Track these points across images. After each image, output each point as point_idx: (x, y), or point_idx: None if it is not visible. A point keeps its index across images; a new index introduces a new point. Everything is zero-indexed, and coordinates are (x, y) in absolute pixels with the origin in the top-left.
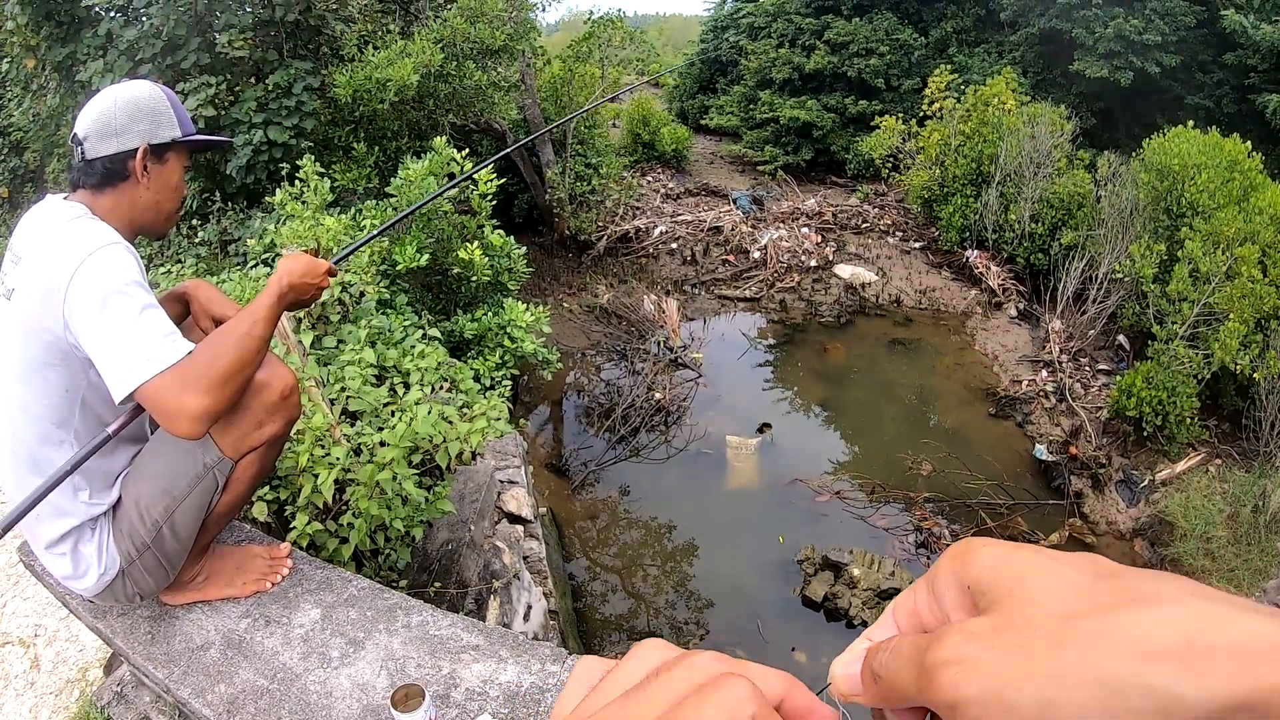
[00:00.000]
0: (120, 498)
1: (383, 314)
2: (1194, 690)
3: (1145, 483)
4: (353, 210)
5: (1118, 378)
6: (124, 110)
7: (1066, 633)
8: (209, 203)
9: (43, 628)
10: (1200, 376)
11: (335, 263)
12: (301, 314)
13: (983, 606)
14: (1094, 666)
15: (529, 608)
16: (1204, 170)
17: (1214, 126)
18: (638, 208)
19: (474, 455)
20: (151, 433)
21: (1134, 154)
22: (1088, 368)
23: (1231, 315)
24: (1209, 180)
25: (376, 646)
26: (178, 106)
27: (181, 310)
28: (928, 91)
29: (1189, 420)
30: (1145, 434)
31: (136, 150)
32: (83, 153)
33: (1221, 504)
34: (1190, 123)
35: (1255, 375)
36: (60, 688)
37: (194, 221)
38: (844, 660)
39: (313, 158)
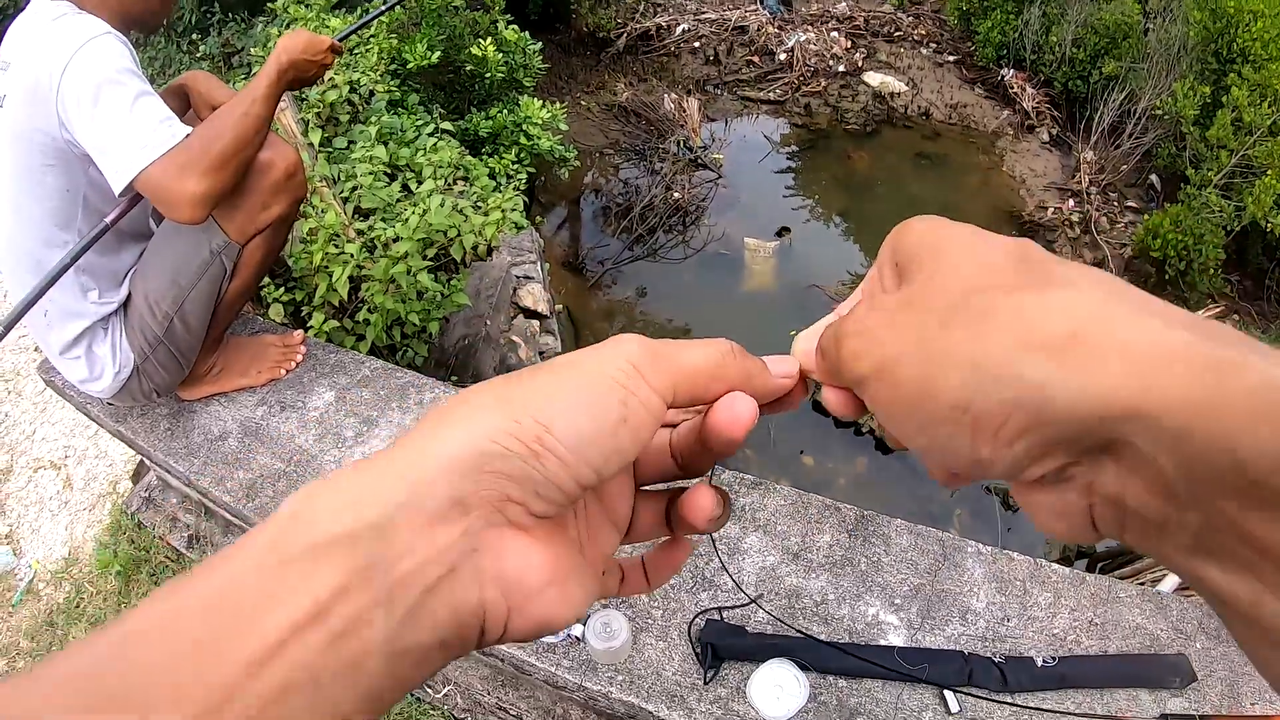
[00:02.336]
0: (129, 295)
1: (394, 114)
2: (1065, 390)
3: None
4: (359, 9)
5: (1145, 217)
6: None
7: (958, 310)
8: (208, 15)
9: (72, 449)
10: (1229, 228)
11: (339, 39)
12: (309, 115)
13: (904, 280)
14: (973, 348)
15: None
16: (1261, 18)
17: None
18: (659, 5)
19: (489, 250)
20: (156, 226)
21: None
22: (1116, 203)
23: (1270, 171)
24: (1264, 29)
25: (390, 424)
26: None
27: (182, 105)
28: None
29: (1212, 270)
30: (1167, 277)
31: None
32: None
33: None
34: None
35: None
36: (93, 503)
37: (194, 36)
38: (805, 335)
39: None
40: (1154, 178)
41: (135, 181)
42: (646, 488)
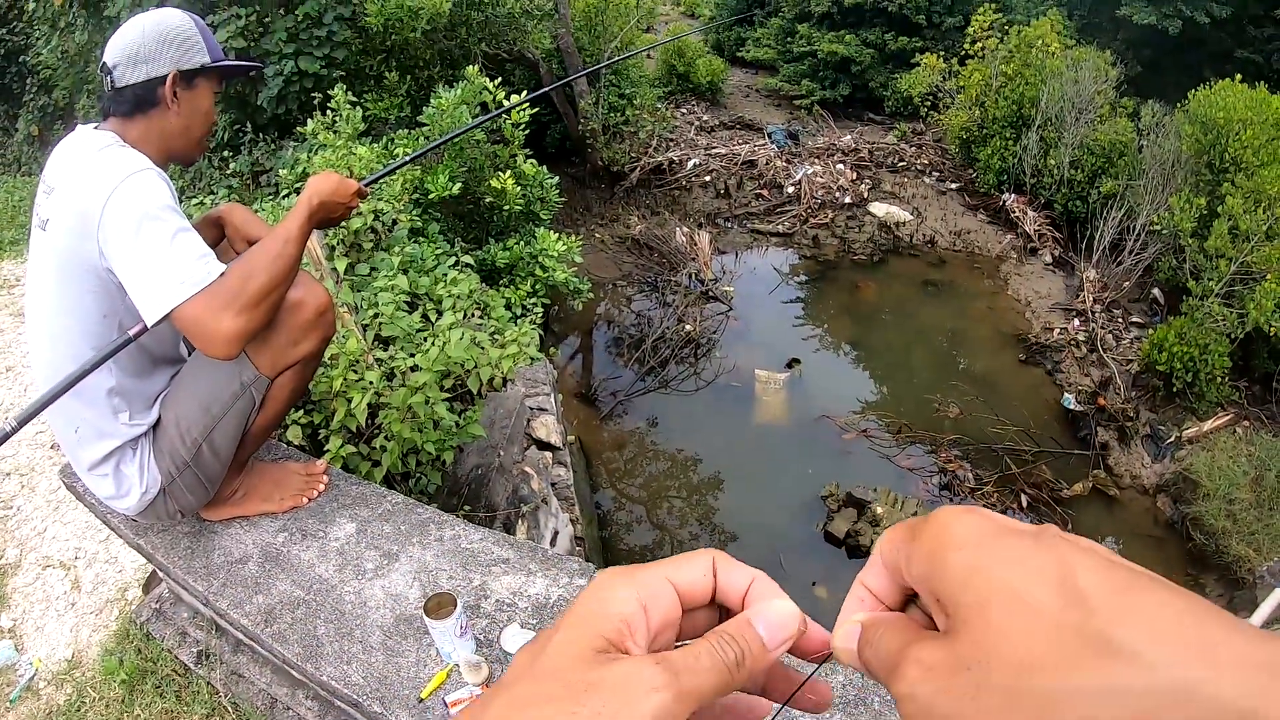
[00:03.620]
0: (160, 418)
1: (415, 242)
2: None
3: (1171, 439)
4: (385, 139)
5: (1150, 331)
6: (153, 37)
7: (1020, 694)
8: (240, 134)
9: (82, 551)
10: (1234, 336)
11: (365, 185)
12: (334, 240)
13: (945, 624)
14: None
15: (555, 533)
16: (1249, 126)
17: (1262, 82)
18: (671, 140)
19: (505, 381)
20: (189, 354)
21: (1179, 105)
22: (1120, 319)
23: (1269, 276)
24: (1254, 137)
25: (410, 559)
26: (206, 33)
27: (217, 235)
28: (970, 30)
29: (1219, 379)
30: (1175, 390)
31: (166, 77)
32: (112, 81)
33: (1247, 466)
34: (1238, 77)
35: None
36: (100, 607)
37: (225, 153)
38: (842, 634)
39: (344, 87)
40: (1156, 292)
41: (172, 316)
42: None
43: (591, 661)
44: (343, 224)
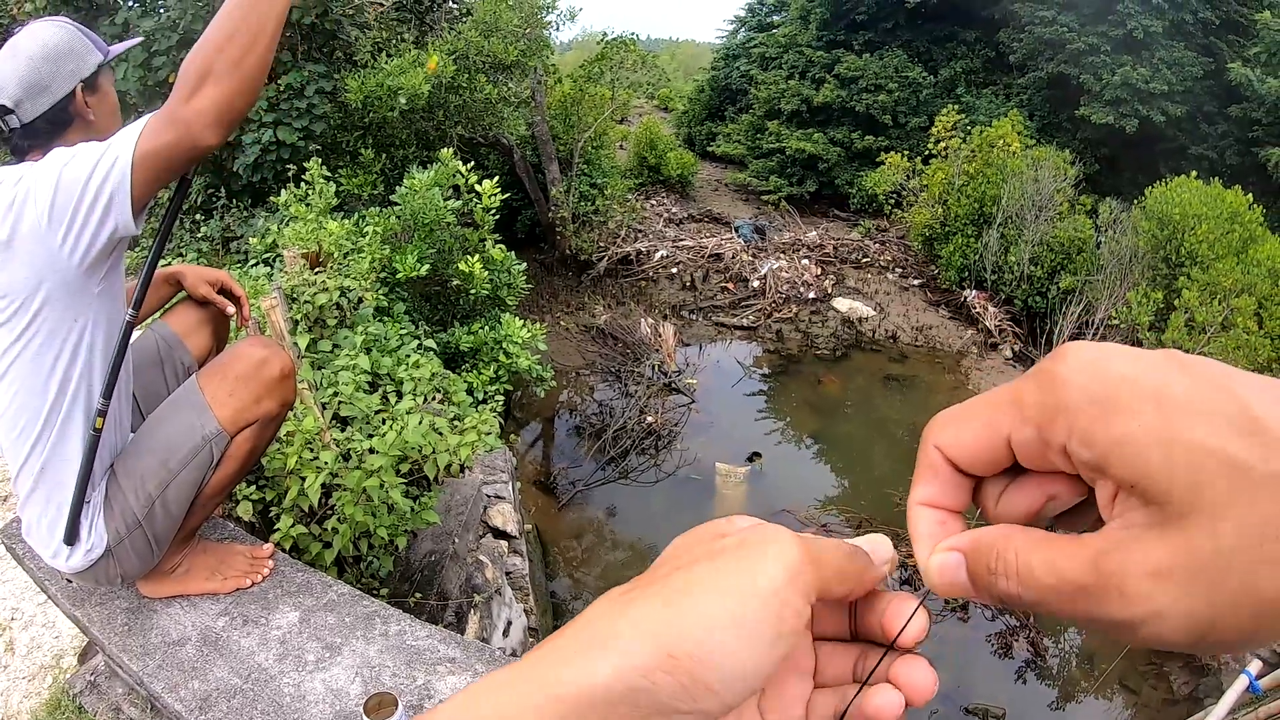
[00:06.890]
0: (112, 471)
1: (380, 321)
2: None
3: None
4: (356, 216)
5: None
6: (44, 60)
7: (1261, 561)
8: (214, 198)
9: (20, 612)
10: None
11: None
12: (299, 315)
13: (1156, 514)
14: None
15: (509, 623)
16: (1204, 221)
17: (1216, 178)
18: (640, 230)
19: (462, 468)
20: (142, 413)
21: (1136, 202)
22: None
23: None
24: (1209, 231)
25: (353, 653)
26: (87, 31)
27: (170, 292)
28: (934, 130)
29: None
30: None
31: (73, 92)
32: (18, 120)
33: None
34: (1193, 173)
35: None
36: (34, 673)
37: (198, 216)
38: (939, 566)
39: (320, 160)
40: None
41: (138, 156)
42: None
43: (716, 537)
44: (309, 295)
